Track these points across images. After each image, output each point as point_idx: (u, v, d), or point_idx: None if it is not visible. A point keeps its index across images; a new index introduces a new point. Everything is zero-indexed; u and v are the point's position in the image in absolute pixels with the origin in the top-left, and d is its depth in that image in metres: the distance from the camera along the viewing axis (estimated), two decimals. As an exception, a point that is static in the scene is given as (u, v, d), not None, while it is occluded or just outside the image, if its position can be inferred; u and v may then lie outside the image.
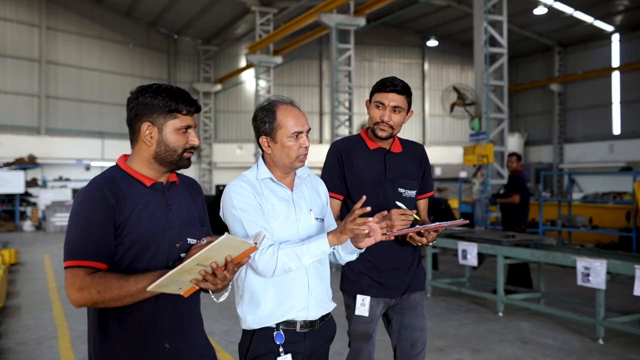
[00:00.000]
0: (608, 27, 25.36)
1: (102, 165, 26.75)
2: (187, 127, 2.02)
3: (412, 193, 3.05)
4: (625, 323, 5.93)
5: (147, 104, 1.97)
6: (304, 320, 2.34)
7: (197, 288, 1.83)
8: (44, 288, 8.71)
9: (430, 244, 2.73)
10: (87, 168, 26.06)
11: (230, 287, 1.97)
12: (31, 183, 20.47)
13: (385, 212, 2.24)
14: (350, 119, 19.24)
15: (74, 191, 20.17)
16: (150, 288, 1.74)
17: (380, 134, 2.96)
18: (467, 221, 2.74)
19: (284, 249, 2.19)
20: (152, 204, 1.99)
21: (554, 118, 28.19)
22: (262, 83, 24.37)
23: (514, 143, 28.04)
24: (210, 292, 1.87)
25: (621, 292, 7.57)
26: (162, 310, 1.98)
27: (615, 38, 25.74)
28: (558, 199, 12.74)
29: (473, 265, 7.09)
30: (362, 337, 3.01)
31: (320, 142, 29.57)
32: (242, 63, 29.84)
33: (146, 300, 1.88)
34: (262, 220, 2.26)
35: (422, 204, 3.17)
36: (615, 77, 25.76)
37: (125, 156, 2.10)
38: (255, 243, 1.79)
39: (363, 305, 2.97)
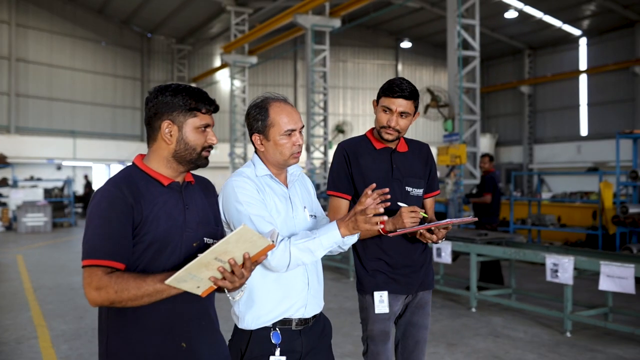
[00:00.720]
0: (576, 31, 25.96)
1: (74, 164, 26.46)
2: (206, 126, 2.03)
3: (420, 192, 3.04)
4: (591, 316, 6.21)
5: (167, 103, 1.97)
6: (299, 318, 2.32)
7: (215, 287, 1.82)
8: (20, 289, 8.66)
9: (440, 241, 2.75)
10: (59, 168, 25.73)
11: (246, 285, 1.97)
12: (1, 183, 20.15)
13: (374, 185, 2.22)
14: (325, 120, 19.39)
15: (46, 191, 19.88)
16: (168, 281, 1.74)
17: (387, 137, 2.94)
18: (476, 218, 2.83)
19: (296, 244, 2.17)
20: (170, 204, 1.99)
21: (524, 119, 28.74)
22: (237, 83, 24.39)
23: (485, 144, 28.51)
24: (227, 291, 1.87)
25: (588, 287, 7.85)
26: (180, 310, 1.98)
27: (583, 42, 26.36)
28: (528, 199, 13.06)
29: (447, 262, 7.30)
30: (380, 337, 2.95)
31: (295, 142, 29.66)
32: (217, 62, 29.80)
33: (165, 300, 1.87)
34: (269, 215, 2.24)
35: (429, 202, 3.15)
36: (583, 79, 26.38)
37: (142, 155, 2.09)
38: (273, 241, 1.80)
39: (382, 301, 2.93)
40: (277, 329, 2.28)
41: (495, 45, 27.70)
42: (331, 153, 22.21)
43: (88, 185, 24.07)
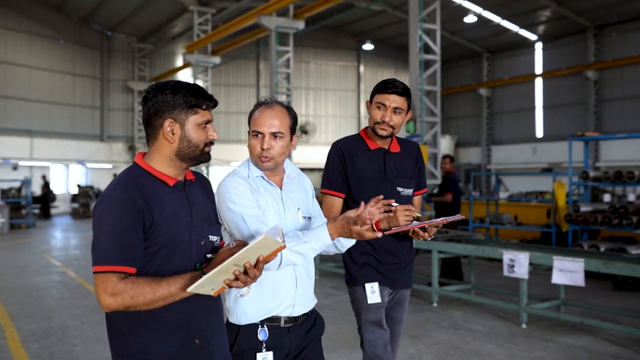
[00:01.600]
0: (532, 36, 26.72)
1: (32, 164, 25.93)
2: (207, 122, 2.03)
3: (410, 192, 3.15)
4: (545, 309, 6.58)
5: (167, 101, 1.96)
6: (288, 316, 2.38)
7: (227, 287, 1.86)
8: (-18, 289, 8.59)
9: (429, 238, 2.83)
10: (15, 168, 25.16)
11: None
12: (-44, 183, 19.69)
13: (381, 197, 2.28)
14: (288, 120, 19.50)
15: (2, 192, 19.50)
16: (190, 289, 1.79)
17: (381, 132, 3.03)
18: (464, 217, 2.99)
19: (288, 247, 2.20)
20: (177, 204, 2.00)
21: (482, 121, 29.42)
22: (200, 83, 24.32)
23: (445, 144, 29.06)
24: (235, 288, 1.91)
25: (542, 282, 8.23)
26: (194, 308, 2.01)
27: (538, 46, 27.12)
28: (486, 198, 13.46)
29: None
30: (374, 325, 3.04)
31: (258, 142, 29.69)
32: (179, 62, 29.62)
33: (183, 300, 1.90)
34: (262, 215, 2.30)
35: (417, 200, 3.24)
36: (538, 83, 27.14)
37: (142, 154, 2.08)
38: (283, 241, 1.85)
39: (373, 292, 3.02)
40: (265, 325, 2.35)
41: (454, 48, 28.27)
42: (295, 153, 22.33)
43: (46, 185, 23.65)
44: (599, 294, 8.09)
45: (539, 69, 27.16)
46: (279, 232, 1.88)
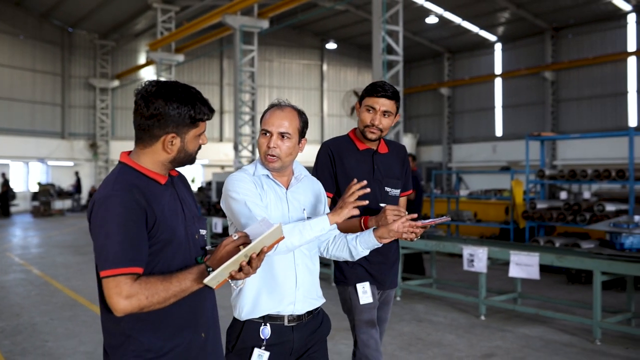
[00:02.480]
0: (491, 37, 27.37)
1: (-10, 162, 25.39)
2: (203, 132, 2.06)
3: (397, 192, 3.23)
4: (502, 301, 6.91)
5: (172, 116, 1.94)
6: (290, 315, 2.41)
7: (228, 279, 1.87)
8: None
9: (415, 239, 2.75)
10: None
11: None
12: None
13: (366, 182, 2.38)
14: (253, 119, 19.61)
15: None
16: (206, 281, 1.82)
17: (370, 136, 3.09)
18: (450, 218, 3.13)
19: (285, 225, 2.25)
20: (171, 201, 2.02)
21: (443, 120, 29.98)
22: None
23: (407, 143, 29.50)
24: (231, 280, 1.91)
25: (500, 276, 8.59)
26: (200, 302, 2.06)
27: (498, 47, 27.80)
28: (447, 196, 13.81)
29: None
30: (368, 325, 3.09)
31: (221, 140, 29.69)
32: (142, 59, 29.35)
33: (189, 295, 1.93)
34: (264, 206, 2.36)
35: (402, 201, 3.31)
36: (498, 83, 27.82)
37: (127, 153, 2.07)
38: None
39: (365, 292, 3.06)
40: (268, 324, 2.38)
41: (416, 48, 28.73)
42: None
43: (5, 183, 23.22)
44: (553, 287, 8.49)
45: (498, 69, 27.80)
46: (269, 225, 1.92)
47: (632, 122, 22.81)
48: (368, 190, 2.39)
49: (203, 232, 2.12)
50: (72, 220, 21.33)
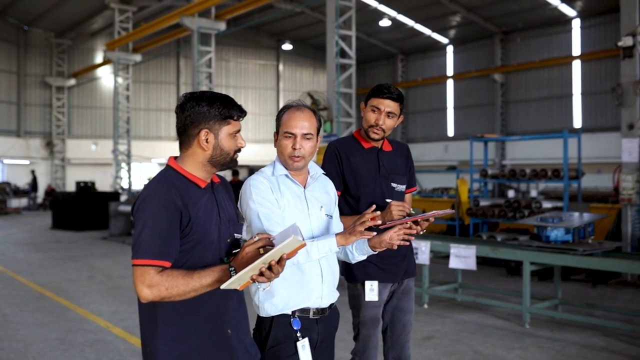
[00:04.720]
0: (443, 40, 28.23)
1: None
2: (237, 131, 2.20)
3: (402, 188, 3.34)
4: (444, 291, 7.51)
5: (203, 113, 2.12)
6: (317, 308, 2.52)
7: (252, 282, 1.99)
8: None
9: (421, 232, 2.80)
10: None
11: None
12: None
13: (379, 214, 2.43)
14: (211, 119, 19.82)
15: None
16: (224, 286, 1.95)
17: (374, 136, 3.21)
18: (453, 211, 3.47)
19: None
20: (208, 205, 2.17)
21: (397, 120, 30.69)
22: (120, 80, 24.17)
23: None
24: (257, 282, 2.02)
25: (444, 269, 9.18)
26: (227, 300, 2.20)
27: (450, 50, 28.68)
28: (399, 194, 14.40)
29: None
30: (371, 323, 3.21)
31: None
32: (99, 58, 29.21)
33: (216, 293, 2.08)
34: (278, 215, 2.44)
35: (408, 197, 3.42)
36: (450, 84, 28.70)
37: (174, 157, 2.23)
38: (303, 239, 1.98)
39: (372, 290, 3.17)
40: (297, 316, 2.49)
41: (371, 49, 29.36)
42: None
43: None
44: (493, 279, 9.15)
45: (450, 71, 28.63)
46: (297, 231, 2.01)
47: (577, 123, 23.89)
48: (379, 222, 2.48)
49: (238, 235, 2.28)
50: (29, 219, 21.22)
